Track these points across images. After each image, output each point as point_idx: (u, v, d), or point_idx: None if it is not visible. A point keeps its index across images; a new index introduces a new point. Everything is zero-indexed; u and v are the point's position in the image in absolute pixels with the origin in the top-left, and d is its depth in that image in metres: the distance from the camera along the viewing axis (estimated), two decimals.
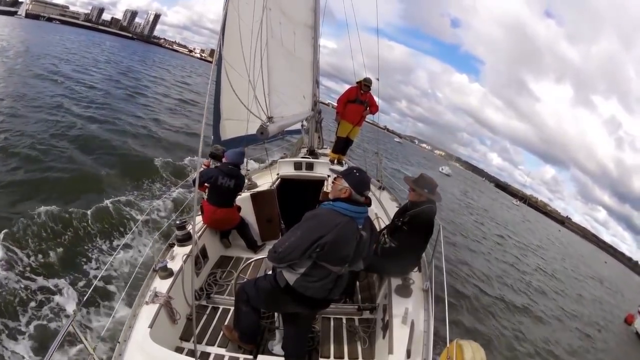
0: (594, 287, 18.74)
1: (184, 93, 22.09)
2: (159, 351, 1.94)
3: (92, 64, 23.30)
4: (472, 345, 1.79)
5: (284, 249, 1.82)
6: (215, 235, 3.64)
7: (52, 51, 24.76)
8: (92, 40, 47.06)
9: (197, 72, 45.83)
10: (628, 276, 47.39)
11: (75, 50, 30.05)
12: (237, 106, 2.89)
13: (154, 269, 2.55)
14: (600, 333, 10.28)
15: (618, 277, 34.69)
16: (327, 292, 1.94)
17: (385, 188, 4.85)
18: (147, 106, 14.79)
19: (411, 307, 2.35)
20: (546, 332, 8.16)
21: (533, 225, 39.02)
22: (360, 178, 1.90)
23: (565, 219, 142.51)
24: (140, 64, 33.86)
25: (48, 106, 10.38)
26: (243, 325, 2.28)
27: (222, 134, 4.87)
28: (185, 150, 10.20)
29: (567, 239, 48.49)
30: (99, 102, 12.81)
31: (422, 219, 2.51)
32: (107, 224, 5.30)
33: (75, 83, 14.95)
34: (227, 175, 3.35)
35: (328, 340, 2.54)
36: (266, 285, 2.08)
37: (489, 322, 7.09)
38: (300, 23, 4.95)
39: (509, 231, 22.05)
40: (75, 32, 53.00)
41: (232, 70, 3.06)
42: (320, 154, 5.92)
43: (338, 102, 5.52)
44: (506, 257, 14.00)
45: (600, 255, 64.35)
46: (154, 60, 44.86)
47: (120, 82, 18.67)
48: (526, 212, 59.91)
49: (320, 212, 1.86)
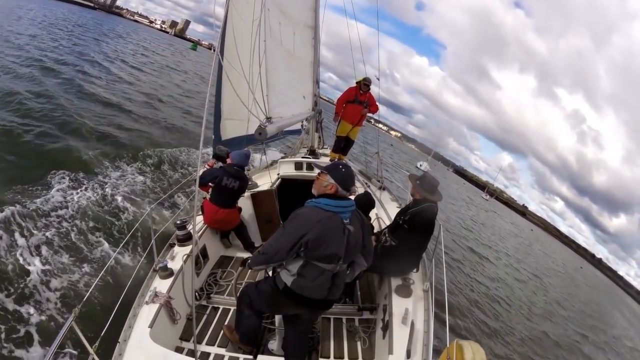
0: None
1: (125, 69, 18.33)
2: (159, 351, 1.95)
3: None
4: (472, 345, 1.79)
5: (269, 250, 1.83)
6: (215, 235, 3.64)
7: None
8: (43, 11, 36.29)
9: (157, 47, 41.19)
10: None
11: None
12: (237, 106, 2.90)
13: (154, 269, 2.55)
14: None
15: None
16: (326, 292, 1.93)
17: (386, 188, 4.85)
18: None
19: (411, 307, 2.35)
20: (546, 332, 8.17)
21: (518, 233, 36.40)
22: (345, 173, 1.88)
23: (522, 207, 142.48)
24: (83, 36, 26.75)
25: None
26: (244, 327, 2.28)
27: (222, 134, 4.87)
28: (184, 147, 10.19)
29: (549, 248, 44.81)
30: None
31: (423, 218, 2.52)
32: (107, 223, 5.31)
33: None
34: (232, 177, 3.35)
35: (328, 340, 2.55)
36: (267, 288, 2.07)
37: (489, 322, 7.09)
38: (299, 23, 4.95)
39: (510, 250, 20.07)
40: (28, 1, 48.77)
41: (232, 70, 3.07)
42: (321, 154, 5.92)
43: (337, 102, 5.52)
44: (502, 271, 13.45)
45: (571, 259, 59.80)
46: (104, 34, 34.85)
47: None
48: (499, 209, 58.16)
49: (302, 211, 1.85)
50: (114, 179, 6.90)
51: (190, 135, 11.64)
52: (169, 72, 24.39)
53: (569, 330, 9.77)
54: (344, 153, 5.82)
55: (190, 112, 14.89)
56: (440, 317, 3.56)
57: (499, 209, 62.51)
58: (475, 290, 8.49)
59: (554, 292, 14.39)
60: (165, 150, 8.68)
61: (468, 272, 9.42)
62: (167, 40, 73.14)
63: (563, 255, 49.53)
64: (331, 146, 6.23)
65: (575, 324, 10.81)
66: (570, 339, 8.96)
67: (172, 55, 39.99)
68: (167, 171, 8.12)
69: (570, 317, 11.37)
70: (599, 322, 14.01)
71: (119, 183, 6.76)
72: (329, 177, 1.86)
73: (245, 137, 4.56)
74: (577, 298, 16.78)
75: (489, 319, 7.36)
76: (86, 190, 6.05)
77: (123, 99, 12.46)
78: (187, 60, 38.87)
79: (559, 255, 41.32)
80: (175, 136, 10.73)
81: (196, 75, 26.85)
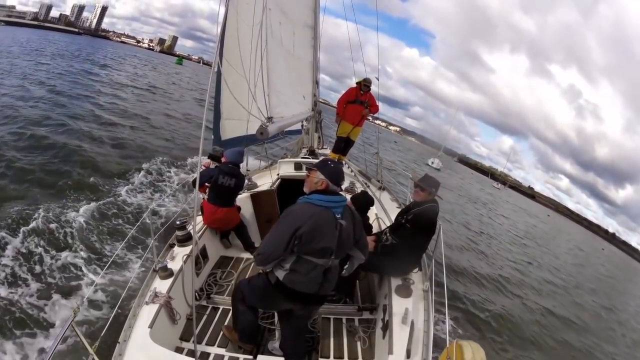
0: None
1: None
2: (159, 351, 1.95)
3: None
4: (472, 345, 1.80)
5: (267, 247, 1.86)
6: (215, 235, 3.64)
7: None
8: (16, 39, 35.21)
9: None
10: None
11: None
12: (237, 106, 2.90)
13: (154, 269, 2.55)
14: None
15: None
16: (318, 287, 1.95)
17: (386, 188, 4.84)
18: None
19: (411, 307, 2.35)
20: (547, 332, 8.14)
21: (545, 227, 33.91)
22: (335, 169, 1.93)
23: (529, 190, 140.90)
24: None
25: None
26: (241, 324, 2.29)
27: (222, 134, 4.86)
28: (184, 148, 10.21)
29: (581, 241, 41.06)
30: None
31: (426, 218, 2.54)
32: (106, 224, 5.31)
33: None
34: (227, 175, 3.35)
35: (328, 340, 2.54)
36: (259, 283, 2.11)
37: (489, 322, 7.08)
38: (299, 23, 4.96)
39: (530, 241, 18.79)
40: (10, 31, 46.90)
41: (232, 70, 3.07)
42: (321, 154, 5.91)
43: (338, 103, 5.52)
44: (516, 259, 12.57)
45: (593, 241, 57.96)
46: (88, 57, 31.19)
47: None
48: (512, 197, 55.75)
49: (295, 207, 1.90)
50: (115, 180, 6.92)
51: (190, 136, 11.68)
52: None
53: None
54: (344, 153, 5.82)
55: (191, 114, 14.98)
56: (440, 317, 3.57)
57: (511, 196, 60.07)
58: (477, 290, 8.44)
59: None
60: (165, 151, 8.68)
61: (469, 272, 9.33)
62: (150, 58, 66.63)
63: (579, 237, 47.01)
64: (331, 146, 6.24)
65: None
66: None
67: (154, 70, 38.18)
68: (167, 172, 8.14)
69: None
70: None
71: (119, 184, 6.78)
72: (319, 173, 1.91)
73: (246, 137, 4.55)
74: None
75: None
76: (87, 192, 6.08)
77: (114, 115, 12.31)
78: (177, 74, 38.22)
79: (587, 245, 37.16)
80: (176, 143, 10.80)
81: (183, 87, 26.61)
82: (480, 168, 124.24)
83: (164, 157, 8.76)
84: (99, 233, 5.03)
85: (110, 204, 5.78)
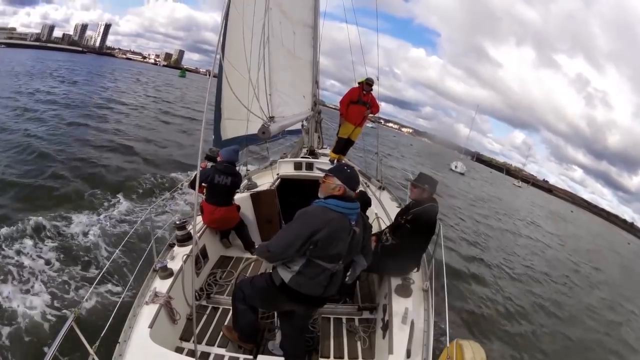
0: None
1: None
2: (159, 351, 1.94)
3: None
4: (472, 345, 1.80)
5: (278, 247, 1.82)
6: (215, 235, 3.64)
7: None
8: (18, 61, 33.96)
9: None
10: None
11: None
12: (238, 105, 2.89)
13: (154, 269, 2.55)
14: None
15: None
16: (322, 290, 1.94)
17: (386, 188, 4.84)
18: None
19: (411, 307, 2.34)
20: (548, 331, 8.13)
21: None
22: (351, 174, 1.92)
23: (544, 183, 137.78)
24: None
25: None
26: (241, 323, 2.29)
27: (222, 134, 4.86)
28: (184, 149, 10.21)
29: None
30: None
31: (427, 218, 2.53)
32: (107, 224, 5.31)
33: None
34: (223, 173, 3.35)
35: (328, 340, 2.54)
36: (262, 283, 2.08)
37: (490, 322, 7.08)
38: (299, 23, 4.95)
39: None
40: (12, 53, 46.10)
41: (233, 70, 3.06)
42: (320, 154, 5.92)
43: (341, 103, 5.47)
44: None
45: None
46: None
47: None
48: (536, 197, 49.95)
49: (311, 209, 1.87)
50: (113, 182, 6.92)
51: (189, 136, 11.68)
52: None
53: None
54: (344, 153, 5.82)
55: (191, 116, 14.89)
56: (440, 317, 3.56)
57: (534, 194, 54.85)
58: (477, 290, 8.42)
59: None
60: (164, 152, 8.68)
61: (469, 272, 9.28)
62: (154, 74, 63.66)
63: (600, 230, 43.42)
64: (331, 146, 6.23)
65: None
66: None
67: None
68: (167, 172, 8.14)
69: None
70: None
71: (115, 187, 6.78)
72: (336, 179, 1.88)
73: (246, 137, 4.55)
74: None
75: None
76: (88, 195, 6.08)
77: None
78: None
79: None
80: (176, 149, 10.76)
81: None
82: (495, 165, 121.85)
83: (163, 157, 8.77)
84: (98, 233, 5.03)
85: (110, 204, 5.78)
